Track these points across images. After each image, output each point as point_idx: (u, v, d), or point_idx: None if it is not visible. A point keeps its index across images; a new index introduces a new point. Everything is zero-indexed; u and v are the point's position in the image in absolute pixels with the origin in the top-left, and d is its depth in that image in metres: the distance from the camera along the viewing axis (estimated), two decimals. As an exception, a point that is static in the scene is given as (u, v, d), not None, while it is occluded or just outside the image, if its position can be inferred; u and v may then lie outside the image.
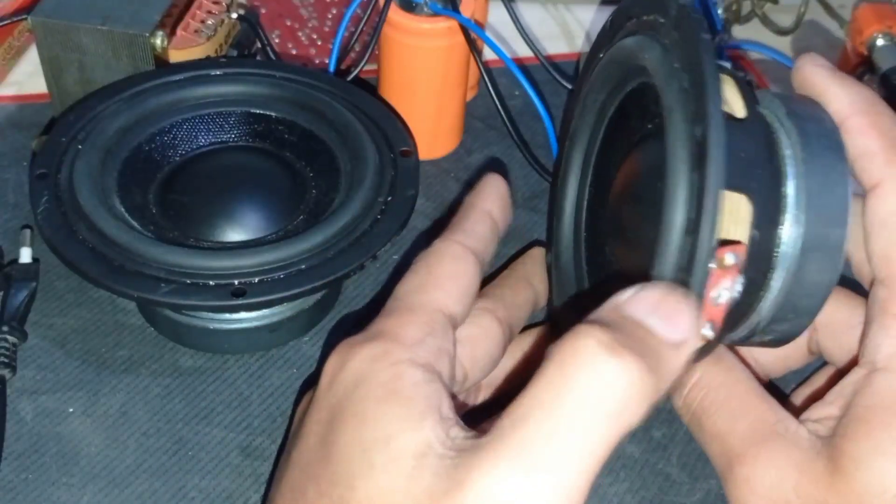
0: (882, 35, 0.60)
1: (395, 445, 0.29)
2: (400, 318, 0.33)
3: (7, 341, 0.43)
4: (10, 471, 0.40)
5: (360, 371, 0.31)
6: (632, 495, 0.40)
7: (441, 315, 0.33)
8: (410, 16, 0.50)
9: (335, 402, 0.31)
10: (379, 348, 0.31)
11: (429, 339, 0.32)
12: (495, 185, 0.39)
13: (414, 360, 0.31)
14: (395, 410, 0.30)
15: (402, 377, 0.30)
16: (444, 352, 0.32)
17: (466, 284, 0.35)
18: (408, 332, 0.32)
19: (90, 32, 0.48)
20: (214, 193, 0.45)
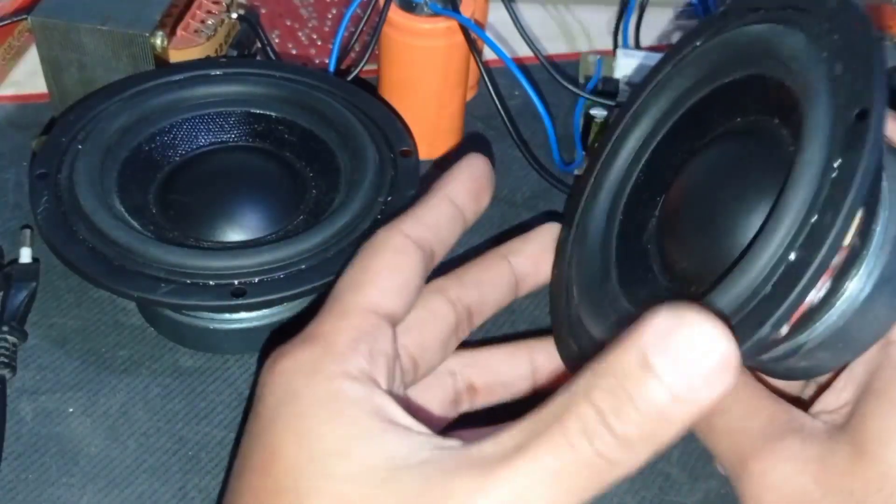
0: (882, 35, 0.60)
1: (358, 460, 0.28)
2: (333, 323, 0.32)
3: (7, 341, 0.43)
4: (10, 471, 0.40)
5: (294, 384, 0.30)
6: (632, 495, 0.40)
7: (374, 316, 0.32)
8: (410, 16, 0.50)
9: (268, 414, 0.30)
10: (311, 359, 0.31)
11: (362, 346, 0.31)
12: (470, 166, 0.37)
13: (347, 373, 0.30)
14: (344, 429, 0.29)
15: (341, 394, 0.30)
16: (380, 354, 0.31)
17: (405, 279, 0.33)
18: (340, 340, 0.31)
19: (90, 32, 0.48)
20: (214, 193, 0.45)
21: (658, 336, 0.25)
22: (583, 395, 0.26)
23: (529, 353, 0.39)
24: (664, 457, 0.41)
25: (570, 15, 0.66)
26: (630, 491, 0.40)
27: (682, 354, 0.25)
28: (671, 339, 0.25)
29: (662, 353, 0.25)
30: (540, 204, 0.52)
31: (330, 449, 0.29)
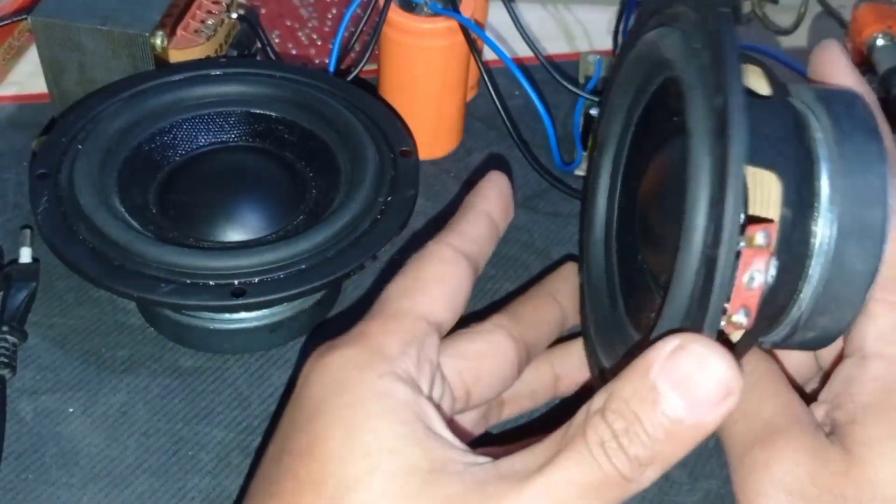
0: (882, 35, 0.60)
1: (403, 459, 0.29)
2: (384, 325, 0.33)
3: (7, 341, 0.43)
4: (10, 471, 0.40)
5: (343, 377, 0.31)
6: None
7: (424, 323, 0.33)
8: (410, 16, 0.50)
9: (314, 403, 0.31)
10: (362, 356, 0.31)
11: (411, 350, 0.32)
12: (496, 184, 0.38)
13: (397, 374, 0.31)
14: (393, 427, 0.30)
15: (391, 393, 0.30)
16: (426, 361, 0.32)
17: (455, 289, 0.34)
18: (390, 342, 0.32)
19: (90, 32, 0.48)
20: (214, 193, 0.45)
21: (664, 363, 0.28)
22: (599, 415, 0.29)
23: (551, 361, 0.40)
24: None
25: (570, 15, 0.66)
26: (630, 491, 0.40)
27: (686, 381, 0.28)
28: (676, 366, 0.28)
29: (668, 379, 0.28)
30: (540, 204, 0.52)
31: (379, 444, 0.29)
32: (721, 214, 0.27)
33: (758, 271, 0.29)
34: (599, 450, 0.28)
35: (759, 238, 0.28)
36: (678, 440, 0.28)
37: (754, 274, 0.29)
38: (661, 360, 0.28)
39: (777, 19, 0.65)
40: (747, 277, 0.29)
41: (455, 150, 0.55)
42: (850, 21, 0.63)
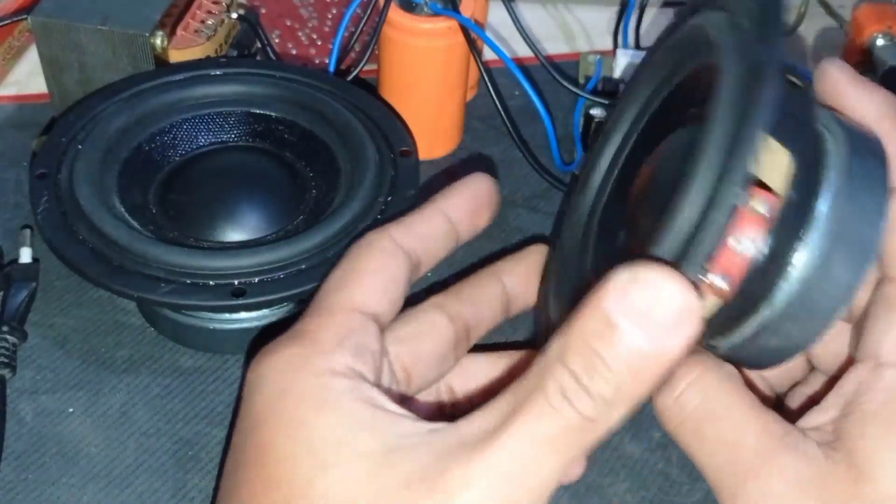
0: (882, 35, 0.60)
1: (353, 447, 0.29)
2: (318, 321, 0.33)
3: (7, 341, 0.43)
4: (10, 471, 0.40)
5: (282, 381, 0.31)
6: (632, 495, 0.40)
7: (358, 314, 0.33)
8: (410, 16, 0.50)
9: (259, 410, 0.31)
10: (299, 357, 0.31)
11: (347, 343, 0.32)
12: (469, 185, 0.38)
13: (334, 370, 0.31)
14: (336, 419, 0.30)
15: (328, 388, 0.30)
16: (365, 351, 0.32)
17: (389, 279, 0.34)
18: (325, 337, 0.32)
19: (90, 32, 0.48)
20: (214, 193, 0.44)
21: (617, 295, 0.26)
22: (557, 360, 0.27)
23: (511, 360, 0.39)
24: (664, 457, 0.42)
25: (570, 15, 0.66)
26: (630, 491, 0.40)
27: (642, 309, 0.26)
28: (630, 296, 0.26)
29: (623, 311, 0.26)
30: (540, 204, 0.52)
31: (323, 438, 0.29)
32: (731, 159, 0.26)
33: (749, 238, 0.28)
34: (560, 398, 0.27)
35: (760, 205, 0.27)
36: (642, 373, 0.27)
37: (745, 239, 0.28)
38: (614, 293, 0.26)
39: (777, 19, 0.65)
40: (736, 240, 0.27)
41: (455, 150, 0.55)
42: (850, 21, 0.63)
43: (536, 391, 0.28)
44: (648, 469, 0.41)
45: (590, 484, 0.40)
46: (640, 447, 0.42)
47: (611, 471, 0.41)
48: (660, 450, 0.42)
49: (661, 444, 0.42)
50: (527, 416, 0.28)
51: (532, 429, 0.28)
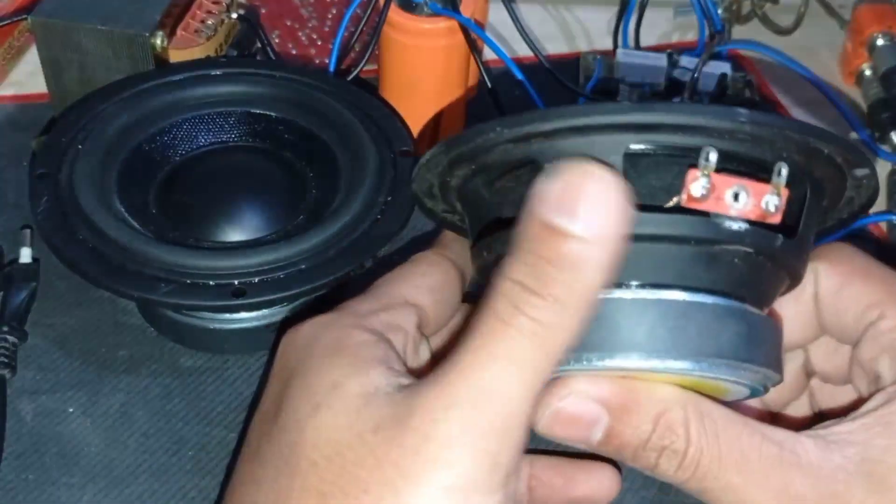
0: (882, 35, 0.60)
1: (342, 389, 0.30)
2: (358, 298, 0.34)
3: (7, 341, 0.43)
4: (10, 471, 0.40)
5: (309, 335, 0.33)
6: (632, 495, 0.40)
7: (403, 301, 0.34)
8: (410, 16, 0.49)
9: (287, 367, 0.32)
10: (330, 317, 0.33)
11: (381, 314, 0.33)
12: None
13: (361, 325, 0.32)
14: (341, 360, 0.31)
15: (349, 336, 0.32)
16: (397, 327, 0.33)
17: (436, 281, 0.36)
18: (361, 307, 0.34)
19: (90, 32, 0.48)
20: (214, 193, 0.45)
21: (543, 200, 0.27)
22: (502, 277, 0.28)
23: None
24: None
25: (570, 15, 0.66)
26: (630, 491, 0.40)
27: (571, 202, 0.27)
28: (557, 196, 0.27)
29: (554, 210, 0.27)
30: (540, 204, 0.52)
31: (323, 381, 0.30)
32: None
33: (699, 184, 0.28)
34: (511, 309, 0.27)
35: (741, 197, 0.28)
36: (587, 262, 0.27)
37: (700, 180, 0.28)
38: (539, 200, 0.27)
39: (777, 19, 0.65)
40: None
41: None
42: (850, 21, 0.63)
43: (487, 313, 0.28)
44: (648, 469, 0.41)
45: (590, 484, 0.40)
46: (640, 447, 0.42)
47: (611, 471, 0.41)
48: (660, 450, 0.42)
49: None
50: (481, 340, 0.28)
51: (488, 350, 0.28)
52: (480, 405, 0.27)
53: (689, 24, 0.65)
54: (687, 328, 0.29)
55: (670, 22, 0.66)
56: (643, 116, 0.29)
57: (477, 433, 0.27)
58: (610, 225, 0.27)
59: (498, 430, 0.27)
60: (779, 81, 0.61)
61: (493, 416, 0.27)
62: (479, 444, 0.27)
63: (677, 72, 0.56)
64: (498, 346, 0.28)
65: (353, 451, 0.28)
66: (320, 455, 0.29)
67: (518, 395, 0.28)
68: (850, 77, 0.62)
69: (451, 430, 0.27)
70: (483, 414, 0.27)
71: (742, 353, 0.30)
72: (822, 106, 0.59)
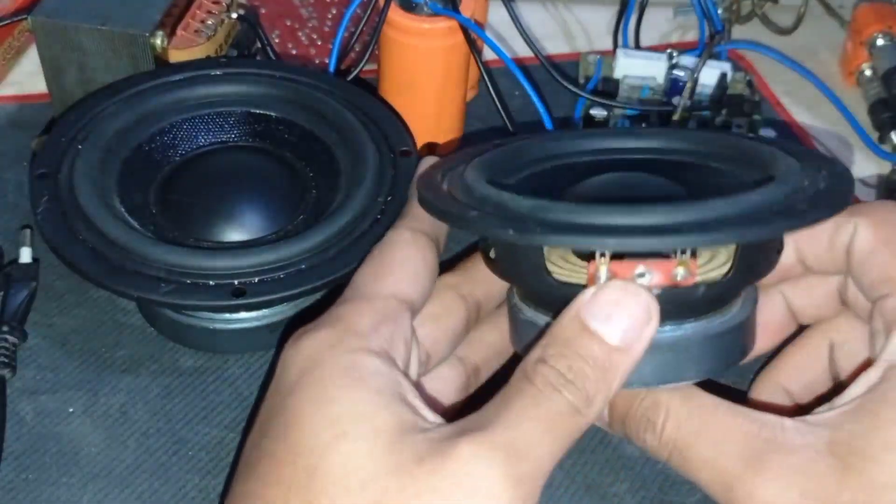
0: (882, 35, 0.60)
1: (371, 422, 0.30)
2: (354, 306, 0.34)
3: (7, 341, 0.43)
4: (10, 471, 0.40)
5: (316, 356, 0.32)
6: (632, 495, 0.40)
7: (395, 301, 0.35)
8: (410, 16, 0.49)
9: (289, 384, 0.32)
10: (334, 335, 0.33)
11: (382, 328, 0.33)
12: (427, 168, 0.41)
13: (369, 349, 0.32)
14: (361, 395, 0.31)
15: (361, 365, 0.32)
16: (400, 338, 0.34)
17: (420, 266, 0.36)
18: (362, 321, 0.33)
19: (90, 32, 0.48)
20: (214, 193, 0.44)
21: (588, 305, 0.32)
22: (539, 362, 0.31)
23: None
24: (664, 457, 0.42)
25: (570, 15, 0.66)
26: (630, 491, 0.40)
27: (611, 313, 0.31)
28: (600, 304, 0.31)
29: (596, 317, 0.31)
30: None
31: (345, 411, 0.31)
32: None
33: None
34: (550, 388, 0.31)
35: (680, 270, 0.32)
36: (615, 367, 0.31)
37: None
38: (585, 303, 0.32)
39: (777, 19, 0.65)
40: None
41: (455, 151, 0.55)
42: (850, 21, 0.63)
43: (525, 385, 0.31)
44: (648, 469, 0.41)
45: (590, 484, 0.40)
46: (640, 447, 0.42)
47: (611, 471, 0.41)
48: (660, 450, 0.42)
49: (661, 444, 0.42)
50: (522, 403, 0.31)
51: (528, 412, 0.31)
52: (518, 458, 0.30)
53: (689, 24, 0.65)
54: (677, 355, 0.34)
55: (670, 22, 0.66)
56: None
57: (513, 481, 0.30)
58: (645, 339, 0.32)
59: (528, 483, 0.30)
60: (779, 81, 0.62)
61: (527, 470, 0.30)
62: (513, 491, 0.29)
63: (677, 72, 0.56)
64: (538, 414, 0.31)
65: (394, 478, 0.29)
66: (348, 483, 0.30)
67: (546, 459, 0.31)
68: (850, 77, 0.62)
69: (492, 473, 0.29)
70: (520, 466, 0.30)
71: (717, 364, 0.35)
72: (823, 106, 0.59)
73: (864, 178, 0.57)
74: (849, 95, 0.60)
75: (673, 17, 0.66)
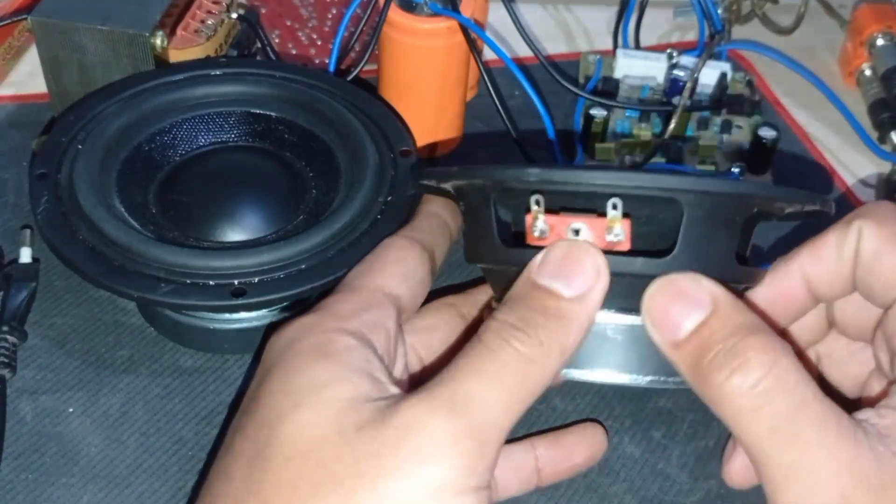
0: (882, 35, 0.60)
1: (327, 392, 0.31)
2: (338, 296, 0.35)
3: (7, 341, 0.43)
4: (10, 471, 0.40)
5: (292, 337, 0.33)
6: (632, 495, 0.40)
7: (380, 293, 0.35)
8: (410, 16, 0.49)
9: (268, 365, 0.33)
10: (313, 319, 0.34)
11: (363, 314, 0.34)
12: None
13: (344, 329, 0.33)
14: (325, 364, 0.32)
15: (332, 341, 0.32)
16: (380, 326, 0.34)
17: (410, 267, 0.37)
18: (342, 307, 0.34)
19: (90, 32, 0.48)
20: (214, 193, 0.44)
21: (538, 266, 0.32)
22: (493, 319, 0.31)
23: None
24: (664, 457, 0.42)
25: (570, 15, 0.66)
26: (630, 491, 0.40)
27: (561, 269, 0.31)
28: (549, 262, 0.32)
29: (545, 274, 0.32)
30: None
31: (307, 383, 0.31)
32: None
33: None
34: (499, 340, 0.31)
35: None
36: (570, 317, 0.31)
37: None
38: (535, 265, 0.32)
39: (777, 19, 0.65)
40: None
41: (455, 150, 0.55)
42: (850, 21, 0.63)
43: (475, 344, 0.31)
44: (648, 469, 0.41)
45: (590, 484, 0.41)
46: (639, 447, 0.42)
47: (611, 471, 0.41)
48: (660, 450, 0.42)
49: (661, 444, 0.42)
50: (466, 360, 0.31)
51: (473, 367, 0.30)
52: (461, 411, 0.29)
53: (689, 24, 0.65)
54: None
55: (670, 22, 0.66)
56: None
57: (456, 435, 0.29)
58: (594, 289, 0.31)
59: (475, 437, 0.29)
60: (779, 81, 0.62)
61: (473, 422, 0.29)
62: (458, 445, 0.29)
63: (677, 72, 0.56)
64: (482, 366, 0.30)
65: (332, 446, 0.29)
66: (296, 450, 0.30)
67: (496, 410, 0.30)
68: (850, 77, 0.62)
69: (432, 428, 0.29)
70: (463, 419, 0.29)
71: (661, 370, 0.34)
72: (822, 106, 0.59)
73: (864, 178, 0.57)
74: (849, 95, 0.60)
75: (673, 18, 0.66)
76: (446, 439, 0.29)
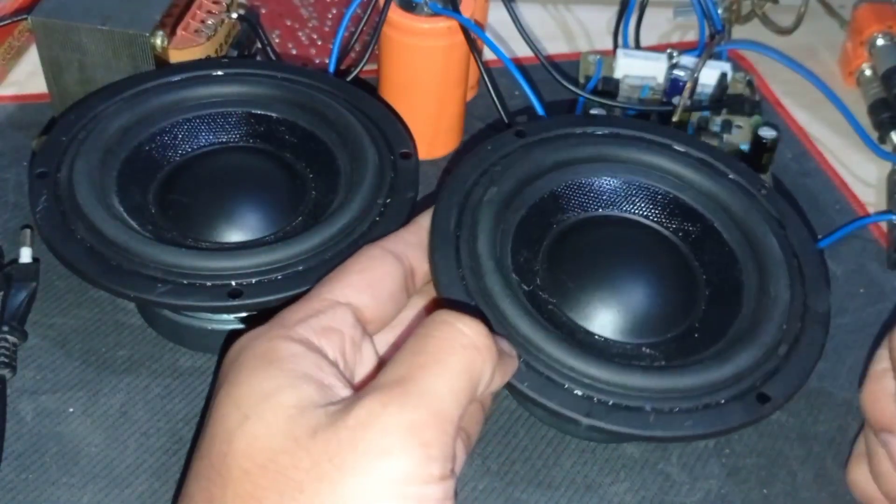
0: (882, 35, 0.60)
1: (273, 400, 0.31)
2: (291, 306, 0.35)
3: (7, 341, 0.43)
4: (10, 471, 0.40)
5: (240, 347, 0.33)
6: (632, 495, 0.40)
7: (334, 302, 0.35)
8: (410, 16, 0.50)
9: (220, 379, 0.33)
10: (262, 329, 0.34)
11: (311, 320, 0.34)
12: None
13: (289, 336, 0.33)
14: (270, 373, 0.32)
15: (277, 349, 0.32)
16: (331, 331, 0.34)
17: (376, 278, 0.36)
18: (291, 316, 0.34)
19: (90, 32, 0.48)
20: (214, 194, 0.44)
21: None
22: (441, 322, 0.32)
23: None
24: (664, 457, 0.42)
25: (570, 15, 0.66)
26: (630, 491, 0.40)
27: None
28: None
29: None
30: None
31: (251, 394, 0.31)
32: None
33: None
34: (443, 325, 0.32)
35: None
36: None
37: None
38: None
39: (777, 19, 0.65)
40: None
41: (455, 151, 0.55)
42: (850, 21, 0.63)
43: (420, 334, 0.32)
44: (648, 469, 0.41)
45: (590, 484, 0.41)
46: (639, 447, 0.42)
47: (611, 471, 0.41)
48: (660, 450, 0.42)
49: (661, 444, 0.42)
50: (414, 351, 0.31)
51: (421, 358, 0.31)
52: (414, 402, 0.30)
53: (689, 24, 0.65)
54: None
55: (670, 22, 0.66)
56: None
57: (411, 425, 0.29)
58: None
59: (431, 425, 0.29)
60: (779, 81, 0.62)
61: (426, 411, 0.30)
62: (414, 435, 0.29)
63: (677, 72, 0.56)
64: (432, 357, 0.31)
65: (288, 454, 0.29)
66: (253, 463, 0.30)
67: (448, 397, 0.30)
68: (850, 77, 0.62)
69: (386, 422, 0.29)
70: (417, 409, 0.30)
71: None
72: (823, 106, 0.59)
73: (864, 178, 0.57)
74: (849, 95, 0.60)
75: (673, 18, 0.66)
76: (402, 431, 0.29)
